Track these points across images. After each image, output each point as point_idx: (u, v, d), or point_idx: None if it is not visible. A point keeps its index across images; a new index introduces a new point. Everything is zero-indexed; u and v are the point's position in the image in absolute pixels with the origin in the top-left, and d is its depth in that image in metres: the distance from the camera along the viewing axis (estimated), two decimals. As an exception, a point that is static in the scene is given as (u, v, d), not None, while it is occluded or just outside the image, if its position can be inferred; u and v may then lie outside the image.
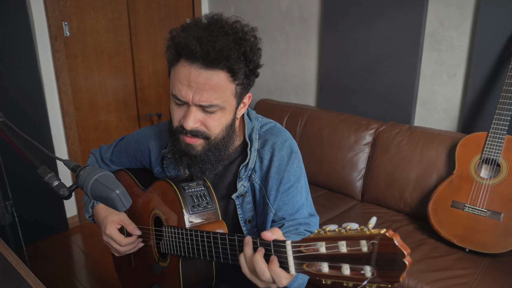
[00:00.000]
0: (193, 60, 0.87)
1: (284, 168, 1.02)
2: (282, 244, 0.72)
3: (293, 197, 1.03)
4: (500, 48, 1.91)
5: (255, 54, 0.92)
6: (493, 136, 1.73)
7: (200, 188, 1.02)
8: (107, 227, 1.11)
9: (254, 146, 1.04)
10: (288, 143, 1.05)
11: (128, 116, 3.06)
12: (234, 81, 0.90)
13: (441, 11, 2.12)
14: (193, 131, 0.93)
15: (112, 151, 1.28)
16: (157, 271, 1.09)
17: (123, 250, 1.12)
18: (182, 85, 0.89)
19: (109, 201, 0.78)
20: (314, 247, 0.66)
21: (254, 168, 1.04)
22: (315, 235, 0.66)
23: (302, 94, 2.90)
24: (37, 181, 1.18)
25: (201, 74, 0.87)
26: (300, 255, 0.69)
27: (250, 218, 1.07)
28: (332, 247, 0.64)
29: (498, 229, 1.70)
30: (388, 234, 0.58)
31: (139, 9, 2.94)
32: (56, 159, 0.88)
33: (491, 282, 1.58)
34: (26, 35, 2.35)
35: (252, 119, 1.08)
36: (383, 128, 2.25)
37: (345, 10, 2.44)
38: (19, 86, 2.38)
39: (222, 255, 0.87)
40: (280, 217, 1.03)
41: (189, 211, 0.98)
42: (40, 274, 2.15)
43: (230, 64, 0.87)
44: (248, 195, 1.06)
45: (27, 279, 0.92)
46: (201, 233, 0.91)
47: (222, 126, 0.95)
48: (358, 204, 2.28)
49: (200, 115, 0.92)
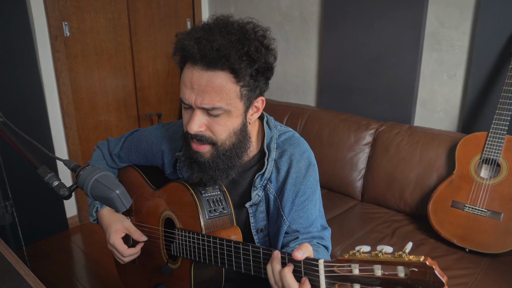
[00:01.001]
0: (195, 62, 0.85)
1: (301, 181, 1.00)
2: (315, 263, 0.71)
3: (308, 210, 1.02)
4: (500, 48, 1.91)
5: (261, 54, 0.88)
6: (493, 136, 1.73)
7: (216, 192, 1.00)
8: (111, 236, 1.11)
9: (272, 156, 1.02)
10: (306, 155, 1.03)
11: (128, 116, 3.05)
12: (238, 82, 0.87)
13: (441, 11, 2.12)
14: (198, 135, 0.91)
15: (121, 147, 1.24)
16: (166, 272, 1.08)
17: (126, 260, 1.13)
18: (186, 88, 0.88)
19: (109, 201, 0.79)
20: (348, 268, 0.66)
21: (270, 178, 1.02)
22: (350, 257, 0.66)
23: (302, 94, 2.91)
24: (37, 181, 1.18)
25: (203, 76, 0.85)
26: (333, 275, 0.69)
27: (262, 228, 1.05)
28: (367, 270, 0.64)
29: (498, 229, 1.70)
30: (428, 263, 0.58)
31: (139, 9, 2.94)
32: (56, 159, 0.88)
33: (491, 282, 1.58)
34: (26, 35, 2.35)
35: (271, 128, 1.05)
36: (383, 128, 2.25)
37: (345, 10, 2.44)
38: (19, 86, 2.37)
39: (244, 266, 0.86)
40: (294, 229, 1.02)
41: (205, 216, 0.96)
42: (40, 274, 2.15)
43: (231, 64, 0.84)
44: (262, 204, 1.04)
45: (27, 279, 0.91)
46: (220, 241, 0.89)
47: (229, 131, 0.92)
48: (358, 204, 2.28)
49: (205, 119, 0.90)
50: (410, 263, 0.59)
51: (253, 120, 0.98)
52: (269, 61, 0.91)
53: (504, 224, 1.69)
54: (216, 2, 3.30)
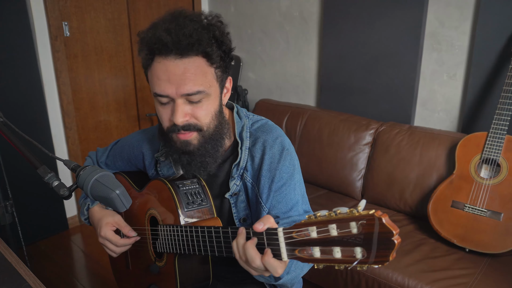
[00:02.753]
0: (167, 53, 0.86)
1: (275, 166, 1.01)
2: (274, 232, 0.72)
3: (286, 195, 1.02)
4: (500, 48, 1.91)
5: (225, 37, 0.93)
6: (493, 136, 1.73)
7: (195, 185, 1.02)
8: (102, 229, 1.11)
9: (245, 144, 1.03)
10: (280, 140, 1.03)
11: (128, 116, 3.05)
12: (211, 65, 0.90)
13: (441, 11, 2.12)
14: (184, 126, 0.92)
15: (107, 155, 1.29)
16: (154, 271, 1.09)
17: (119, 251, 1.12)
18: (162, 81, 0.89)
19: (109, 201, 0.79)
20: (306, 232, 0.66)
21: (246, 167, 1.04)
22: (306, 221, 0.66)
23: (302, 94, 2.90)
24: (37, 181, 1.17)
25: (178, 65, 0.87)
26: (292, 241, 0.69)
27: (244, 217, 1.07)
28: (323, 231, 0.64)
29: (498, 229, 1.70)
30: (376, 214, 0.58)
31: (139, 9, 2.94)
32: (56, 159, 0.88)
33: (491, 282, 1.58)
34: (26, 35, 2.35)
35: (242, 117, 1.07)
36: (383, 128, 2.25)
37: (345, 10, 2.44)
38: (19, 86, 2.38)
39: (217, 249, 0.87)
40: (274, 215, 1.02)
41: (183, 208, 0.98)
42: (40, 274, 2.15)
43: (203, 47, 0.87)
44: (241, 194, 1.05)
45: (27, 279, 0.92)
46: (195, 228, 0.91)
47: (211, 114, 0.95)
48: (356, 205, 2.27)
49: (188, 107, 0.91)
50: (360, 217, 0.60)
51: (226, 101, 1.01)
52: (230, 44, 0.95)
53: (504, 224, 1.69)
54: (216, 2, 3.30)
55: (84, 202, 1.21)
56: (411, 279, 1.62)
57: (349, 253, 0.62)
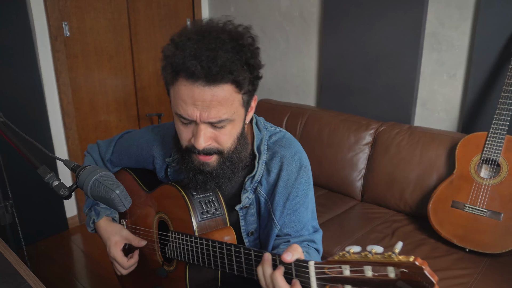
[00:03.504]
0: (195, 79, 0.81)
1: (292, 184, 0.99)
2: (305, 265, 0.71)
3: (299, 214, 1.00)
4: (500, 48, 1.91)
5: (256, 58, 0.88)
6: (493, 136, 1.73)
7: (209, 193, 0.99)
8: (111, 249, 1.12)
9: (262, 158, 1.00)
10: (298, 156, 1.01)
11: (128, 116, 3.05)
12: (240, 91, 0.86)
13: (441, 11, 2.11)
14: (205, 149, 0.89)
15: (112, 151, 1.24)
16: (162, 275, 1.08)
17: (125, 273, 1.13)
18: (187, 105, 0.84)
19: (109, 201, 0.78)
20: (339, 269, 0.66)
21: (261, 181, 1.01)
22: (340, 258, 0.66)
23: (302, 94, 2.90)
24: (37, 181, 1.17)
25: (206, 92, 0.81)
26: (323, 276, 0.68)
27: (253, 231, 1.05)
28: (357, 271, 0.64)
29: (498, 229, 1.70)
30: (418, 263, 0.58)
31: (139, 9, 2.94)
32: (56, 159, 0.88)
33: (491, 282, 1.58)
34: (26, 35, 2.35)
35: (261, 130, 1.03)
36: (383, 128, 2.25)
37: (345, 10, 2.44)
38: (19, 86, 2.37)
39: (236, 268, 0.86)
40: (285, 233, 1.01)
41: (198, 218, 0.96)
42: (40, 274, 2.14)
43: (235, 77, 0.82)
44: (252, 207, 1.03)
45: (27, 279, 0.91)
46: (212, 243, 0.89)
47: (233, 138, 0.91)
48: (358, 204, 2.28)
49: (210, 131, 0.87)
50: (400, 264, 0.59)
51: (249, 119, 0.97)
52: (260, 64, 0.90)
53: (504, 224, 1.69)
54: (216, 2, 3.30)
55: (89, 216, 1.19)
56: (411, 279, 1.61)
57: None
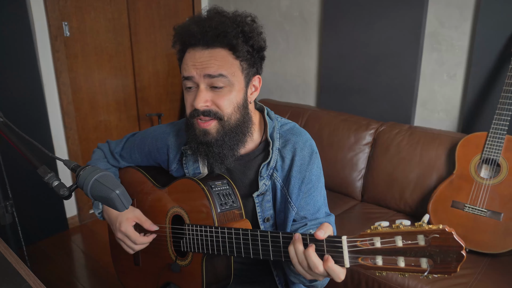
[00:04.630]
0: (195, 44, 0.93)
1: (305, 168, 1.03)
2: (338, 240, 0.75)
3: (314, 197, 1.04)
4: (500, 48, 1.91)
5: (254, 33, 0.96)
6: (493, 136, 1.73)
7: (225, 186, 1.03)
8: (122, 224, 1.11)
9: (276, 145, 1.05)
10: (309, 143, 1.06)
11: (128, 116, 3.06)
12: (237, 58, 0.94)
13: (441, 11, 2.12)
14: (205, 111, 0.95)
15: (122, 147, 1.26)
16: (175, 270, 1.09)
17: (137, 248, 1.12)
18: (189, 66, 0.94)
19: (109, 201, 0.78)
20: (370, 241, 0.71)
21: (276, 167, 1.05)
22: (372, 231, 0.71)
23: (302, 94, 2.91)
24: (37, 181, 1.17)
25: (204, 53, 0.92)
26: (356, 249, 0.73)
27: (268, 217, 1.07)
28: (388, 242, 0.69)
29: (498, 229, 1.70)
30: (447, 229, 0.64)
31: (139, 9, 2.94)
32: (56, 159, 0.88)
33: (491, 282, 1.58)
34: (26, 35, 2.35)
35: (273, 119, 1.09)
36: (383, 128, 2.25)
37: (345, 10, 2.44)
38: (19, 86, 2.37)
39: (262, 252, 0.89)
40: (302, 216, 1.04)
41: (217, 209, 0.98)
42: (40, 274, 2.15)
43: (229, 40, 0.91)
44: (268, 193, 1.06)
45: (27, 279, 0.91)
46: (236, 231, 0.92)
47: (233, 105, 0.97)
48: (358, 204, 2.28)
49: (210, 94, 0.95)
50: (431, 231, 0.65)
51: (253, 99, 1.03)
52: (261, 43, 0.99)
53: (504, 224, 1.69)
54: (216, 2, 3.31)
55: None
56: (411, 279, 1.62)
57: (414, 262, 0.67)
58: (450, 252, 0.63)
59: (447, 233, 0.63)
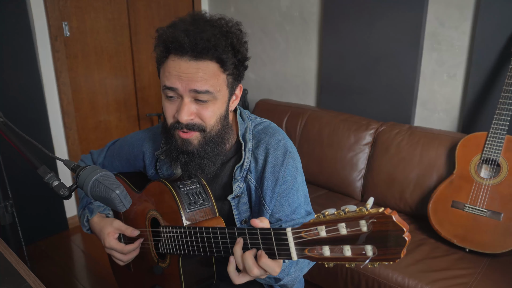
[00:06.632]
0: (182, 53, 0.87)
1: (279, 169, 1.01)
2: (283, 232, 0.73)
3: (289, 198, 1.02)
4: (500, 48, 1.91)
5: (242, 45, 0.94)
6: (493, 136, 1.73)
7: (195, 185, 1.01)
8: (106, 240, 1.11)
9: (248, 146, 1.03)
10: (282, 143, 1.03)
11: (128, 116, 3.05)
12: (224, 71, 0.91)
13: (441, 11, 2.12)
14: (188, 124, 0.93)
15: (104, 156, 1.27)
16: (158, 272, 1.09)
17: (127, 258, 1.11)
18: (173, 76, 0.89)
19: (109, 201, 0.78)
20: (315, 231, 0.67)
21: (249, 169, 1.03)
22: (315, 220, 0.67)
23: (302, 94, 2.90)
24: (37, 181, 1.17)
25: (191, 65, 0.88)
26: (301, 240, 0.70)
27: (246, 219, 1.06)
28: (332, 230, 0.65)
29: (498, 229, 1.70)
30: (386, 212, 0.60)
31: (139, 9, 2.94)
32: (56, 159, 0.88)
33: (491, 282, 1.58)
34: (26, 35, 2.35)
35: (245, 119, 1.07)
36: (383, 128, 2.25)
37: (345, 10, 2.44)
38: (19, 86, 2.37)
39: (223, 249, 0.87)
40: (277, 218, 1.02)
41: (186, 209, 0.97)
42: (40, 274, 2.15)
43: (219, 53, 0.88)
44: (244, 196, 1.05)
45: (27, 279, 0.91)
46: (199, 230, 0.91)
47: (216, 117, 0.95)
48: (358, 204, 2.28)
49: (194, 107, 0.92)
50: (370, 215, 0.61)
51: (233, 107, 1.02)
52: (246, 53, 0.97)
53: (504, 224, 1.69)
54: (216, 2, 3.30)
55: (83, 214, 1.19)
56: (411, 279, 1.62)
57: (360, 251, 0.63)
58: (391, 236, 0.60)
59: (387, 216, 0.59)
